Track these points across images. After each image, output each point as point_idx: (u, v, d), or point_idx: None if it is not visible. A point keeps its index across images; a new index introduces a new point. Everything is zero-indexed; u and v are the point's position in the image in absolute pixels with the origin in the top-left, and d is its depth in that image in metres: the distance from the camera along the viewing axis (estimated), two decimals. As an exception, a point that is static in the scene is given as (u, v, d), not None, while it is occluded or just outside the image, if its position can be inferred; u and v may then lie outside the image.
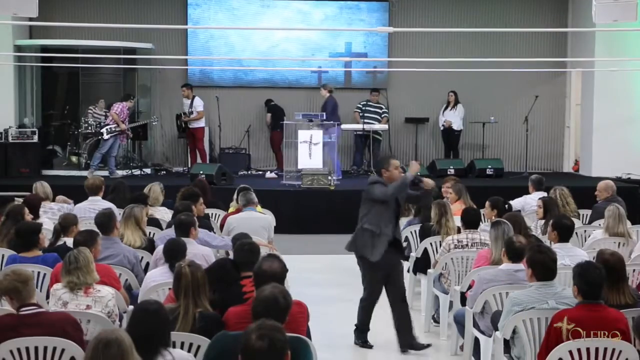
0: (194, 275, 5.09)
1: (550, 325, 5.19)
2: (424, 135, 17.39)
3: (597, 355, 4.99)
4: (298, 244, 12.06)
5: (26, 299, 4.96)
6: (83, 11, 16.72)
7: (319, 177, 13.87)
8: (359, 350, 7.78)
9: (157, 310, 4.34)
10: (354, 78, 17.63)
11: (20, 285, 4.93)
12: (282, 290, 4.55)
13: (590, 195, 10.59)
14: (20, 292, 4.94)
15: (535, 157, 17.38)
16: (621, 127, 15.87)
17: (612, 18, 8.70)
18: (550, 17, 17.35)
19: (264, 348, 3.62)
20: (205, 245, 7.47)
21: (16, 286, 4.93)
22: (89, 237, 6.40)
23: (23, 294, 4.95)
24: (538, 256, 5.60)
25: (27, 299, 4.96)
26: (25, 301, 4.95)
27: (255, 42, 17.31)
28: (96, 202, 9.39)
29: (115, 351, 3.77)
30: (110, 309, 5.64)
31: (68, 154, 15.84)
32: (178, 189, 9.67)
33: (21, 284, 4.94)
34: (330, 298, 9.56)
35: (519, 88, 17.14)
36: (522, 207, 9.83)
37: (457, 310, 7.17)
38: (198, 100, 15.84)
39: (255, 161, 17.07)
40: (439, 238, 8.27)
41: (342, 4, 17.43)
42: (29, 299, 4.97)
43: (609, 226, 8.15)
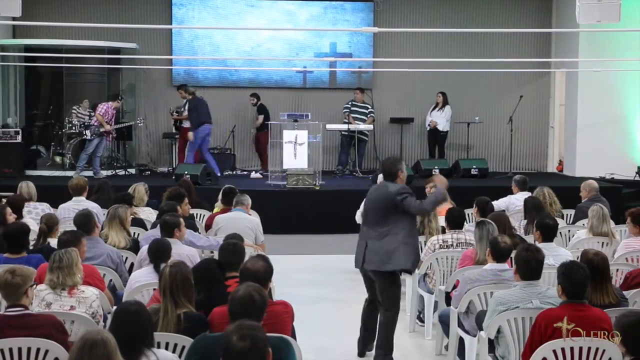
0: (173, 275, 5.06)
1: (535, 324, 5.21)
2: (408, 135, 17.41)
3: (581, 354, 5.01)
4: (284, 244, 12.06)
5: (16, 299, 4.97)
6: (67, 11, 16.66)
7: (304, 177, 13.87)
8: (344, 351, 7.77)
9: (138, 311, 4.33)
10: (338, 78, 17.63)
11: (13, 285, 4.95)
12: (257, 288, 4.53)
13: (574, 195, 10.65)
14: (11, 292, 4.96)
15: (520, 157, 17.45)
16: (605, 127, 15.95)
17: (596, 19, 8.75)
18: (535, 18, 17.41)
19: (246, 348, 3.61)
20: (190, 246, 7.46)
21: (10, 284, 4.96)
22: (73, 237, 6.37)
23: (14, 295, 4.96)
24: (523, 254, 5.62)
25: (17, 299, 4.97)
26: (15, 302, 4.96)
27: (240, 42, 17.29)
28: (80, 202, 9.35)
29: (101, 352, 3.75)
30: (95, 310, 5.62)
31: (52, 154, 15.77)
32: (163, 189, 9.66)
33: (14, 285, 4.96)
34: (316, 298, 9.57)
35: (503, 88, 17.20)
36: (507, 207, 9.87)
37: (441, 310, 7.19)
38: None
39: (240, 161, 17.05)
40: (424, 238, 8.28)
41: (326, 4, 17.44)
42: (19, 300, 4.98)
43: (593, 226, 8.18)
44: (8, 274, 5.01)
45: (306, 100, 17.15)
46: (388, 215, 7.04)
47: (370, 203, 7.27)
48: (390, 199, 7.00)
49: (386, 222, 7.04)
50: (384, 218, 7.06)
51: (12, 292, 4.98)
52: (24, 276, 5.03)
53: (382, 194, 7.13)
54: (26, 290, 5.03)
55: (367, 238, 7.16)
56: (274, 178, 14.55)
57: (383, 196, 7.09)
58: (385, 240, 7.02)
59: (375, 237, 7.08)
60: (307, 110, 15.64)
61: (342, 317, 8.95)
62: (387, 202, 7.04)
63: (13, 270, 5.05)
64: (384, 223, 7.05)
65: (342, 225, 12.43)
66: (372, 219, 7.16)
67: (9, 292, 4.99)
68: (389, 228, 7.03)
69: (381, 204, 7.10)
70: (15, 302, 4.97)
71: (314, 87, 17.61)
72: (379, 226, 7.07)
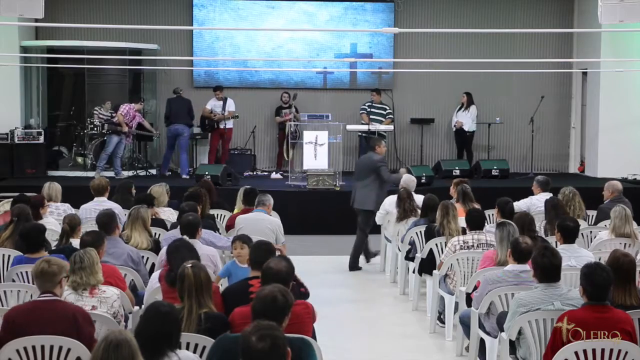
0: (196, 276, 5.09)
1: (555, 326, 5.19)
2: (429, 136, 17.37)
3: (603, 356, 4.99)
4: (304, 244, 12.07)
5: (51, 287, 5.15)
6: (88, 12, 16.75)
7: (324, 177, 13.87)
8: (365, 352, 7.77)
9: (169, 312, 4.36)
10: (359, 79, 17.63)
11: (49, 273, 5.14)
12: (282, 289, 4.54)
13: (596, 196, 10.57)
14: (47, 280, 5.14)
15: (541, 158, 17.35)
16: (627, 127, 15.84)
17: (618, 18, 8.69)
18: (556, 18, 17.31)
19: (266, 348, 3.62)
20: (210, 246, 7.48)
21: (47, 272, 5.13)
22: (97, 238, 6.43)
23: (49, 283, 5.14)
24: (539, 259, 5.61)
25: (51, 287, 5.15)
26: (49, 289, 5.14)
27: (261, 43, 17.31)
28: (102, 202, 9.38)
29: (126, 352, 3.79)
30: (116, 310, 5.66)
31: (74, 155, 15.85)
32: (183, 190, 9.69)
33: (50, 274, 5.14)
34: (336, 299, 9.56)
35: (524, 88, 17.12)
36: (528, 208, 9.80)
37: (462, 311, 7.17)
38: (230, 101, 16.01)
39: (260, 162, 17.08)
40: (444, 239, 8.26)
41: (347, 4, 17.43)
42: (53, 288, 5.15)
43: (615, 227, 8.13)
44: (45, 263, 5.20)
45: (326, 101, 17.13)
46: (369, 175, 10.82)
47: (359, 165, 11.39)
48: (372, 164, 10.88)
49: (366, 178, 10.82)
50: (366, 177, 10.85)
51: (48, 280, 5.16)
52: (60, 266, 5.23)
53: (367, 160, 11.14)
54: (60, 280, 5.22)
55: (355, 188, 11.03)
56: (294, 179, 14.56)
57: (368, 162, 11.05)
58: (364, 190, 10.82)
59: (359, 188, 10.92)
60: (327, 111, 15.62)
61: (362, 318, 8.95)
62: (369, 166, 10.91)
63: (49, 260, 5.26)
64: (365, 179, 10.84)
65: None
66: (359, 176, 11.07)
67: (45, 280, 5.16)
68: (367, 182, 10.79)
69: (365, 166, 11.02)
70: (49, 290, 5.14)
71: (334, 87, 17.60)
72: (362, 181, 10.89)
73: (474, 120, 16.49)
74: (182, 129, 15.56)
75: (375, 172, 10.74)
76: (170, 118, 15.70)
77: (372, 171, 10.78)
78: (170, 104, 15.80)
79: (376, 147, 11.10)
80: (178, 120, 15.54)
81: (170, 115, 15.72)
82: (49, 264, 5.18)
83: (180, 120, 15.55)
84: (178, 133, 15.53)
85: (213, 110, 16.00)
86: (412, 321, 8.73)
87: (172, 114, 15.67)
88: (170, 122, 15.67)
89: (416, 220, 9.46)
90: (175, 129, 15.54)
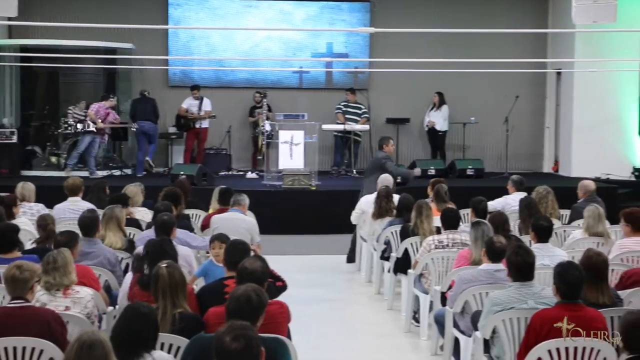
0: (171, 276, 5.07)
1: (530, 325, 5.22)
2: (405, 136, 17.40)
3: (576, 354, 5.02)
4: (279, 244, 12.04)
5: (22, 294, 5.06)
6: (63, 11, 16.60)
7: (300, 177, 13.87)
8: (340, 351, 7.78)
9: (148, 314, 4.35)
10: (335, 78, 17.64)
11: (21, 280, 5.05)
12: (256, 289, 4.54)
13: (569, 196, 10.64)
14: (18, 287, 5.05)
15: (516, 158, 17.42)
16: (600, 127, 15.96)
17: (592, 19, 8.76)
18: (531, 18, 17.41)
19: (240, 349, 3.62)
20: (185, 246, 7.45)
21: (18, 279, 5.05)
22: (71, 238, 6.38)
23: (21, 290, 5.06)
24: (513, 258, 5.64)
25: (23, 294, 5.06)
26: (20, 295, 5.05)
27: (237, 42, 17.28)
28: (76, 202, 9.33)
29: (99, 352, 3.77)
30: (90, 310, 5.62)
31: (47, 155, 15.74)
32: (159, 190, 9.65)
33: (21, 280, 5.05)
34: (312, 298, 9.56)
35: (499, 88, 17.19)
36: (502, 207, 9.85)
37: (437, 311, 7.19)
38: (207, 100, 16.00)
39: (236, 161, 17.04)
40: (419, 238, 8.28)
41: (323, 4, 17.43)
42: (25, 294, 5.07)
43: (589, 226, 8.19)
44: (15, 269, 5.10)
45: (302, 100, 17.12)
46: (374, 172, 11.30)
47: (368, 163, 12.87)
48: (377, 160, 11.80)
49: (372, 175, 11.27)
50: (371, 173, 11.39)
51: (19, 287, 5.08)
52: (31, 271, 5.14)
53: (374, 158, 12.37)
54: (32, 286, 5.14)
55: (363, 185, 11.61)
56: (269, 178, 14.54)
57: (374, 159, 12.18)
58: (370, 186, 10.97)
59: (366, 184, 11.40)
60: (303, 110, 15.61)
61: (337, 318, 8.96)
62: (375, 163, 11.83)
63: (20, 266, 5.14)
64: (371, 176, 11.32)
65: (338, 225, 12.43)
66: (367, 173, 11.98)
67: (17, 287, 5.08)
68: (373, 179, 11.00)
69: (371, 164, 12.08)
70: (20, 296, 5.06)
71: (311, 87, 17.60)
72: (369, 177, 11.47)
73: (446, 119, 16.57)
74: (148, 126, 15.57)
75: (381, 168, 11.25)
76: (135, 117, 15.72)
77: (378, 167, 11.32)
78: (135, 104, 15.90)
79: (384, 145, 11.75)
80: (143, 118, 15.58)
81: (135, 114, 15.76)
82: (20, 270, 5.08)
83: (146, 118, 15.58)
84: (145, 131, 15.53)
85: (189, 109, 15.95)
86: (387, 320, 8.75)
87: (137, 112, 15.73)
88: (135, 120, 15.68)
89: (392, 219, 9.49)
90: (142, 125, 15.55)
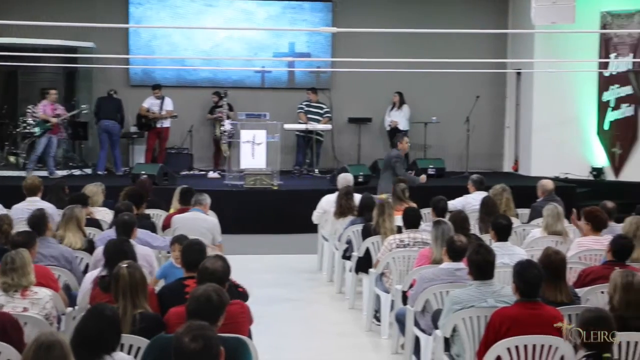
0: (132, 276, 5.04)
1: (489, 323, 5.26)
2: (367, 135, 17.47)
3: (535, 351, 5.07)
4: (241, 244, 12.02)
5: None
6: (22, 9, 16.40)
7: (262, 177, 13.85)
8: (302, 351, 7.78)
9: (112, 317, 4.30)
10: (297, 78, 17.63)
11: None
12: (217, 288, 4.53)
13: (529, 195, 10.76)
14: None
15: (476, 157, 17.52)
16: (560, 127, 16.14)
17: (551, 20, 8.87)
18: (491, 19, 17.54)
19: (198, 349, 3.60)
20: (146, 246, 7.41)
21: None
22: (29, 238, 6.31)
23: None
24: (474, 257, 5.69)
25: None
26: None
27: (198, 41, 17.21)
28: (34, 202, 9.21)
29: (58, 353, 3.71)
30: (48, 311, 5.56)
31: (6, 154, 15.55)
32: (119, 190, 9.59)
33: None
34: (273, 298, 9.55)
35: (460, 88, 17.30)
36: (463, 206, 9.93)
37: (398, 309, 7.22)
38: (168, 100, 15.91)
39: (198, 161, 16.97)
40: (381, 238, 8.32)
41: (285, 3, 17.42)
42: None
43: (548, 225, 8.28)
44: None
45: (265, 99, 17.10)
46: (387, 169, 11.77)
47: (384, 159, 12.50)
48: (389, 159, 11.89)
49: (385, 172, 11.78)
50: (384, 170, 11.84)
51: None
52: None
53: (387, 155, 12.22)
54: None
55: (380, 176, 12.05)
56: (231, 178, 14.50)
57: (387, 157, 12.13)
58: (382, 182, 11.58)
59: (380, 179, 11.85)
60: (265, 110, 15.58)
61: (298, 317, 8.96)
62: (387, 161, 11.97)
63: None
64: (384, 172, 11.82)
65: (299, 225, 12.43)
66: (382, 168, 12.19)
67: None
68: (385, 175, 11.64)
69: (384, 161, 12.21)
70: None
71: (273, 87, 17.58)
72: (383, 173, 11.86)
73: (407, 119, 16.66)
74: (112, 125, 15.49)
75: (392, 167, 11.58)
76: (99, 114, 15.63)
77: (389, 166, 11.69)
78: (100, 102, 15.83)
79: (398, 143, 12.01)
80: (107, 117, 15.49)
81: (99, 112, 15.68)
82: None
83: (109, 117, 15.49)
84: (108, 130, 15.44)
85: (150, 109, 15.86)
86: (348, 320, 8.77)
87: (101, 110, 15.66)
88: (99, 119, 15.58)
89: (353, 219, 9.51)
90: (106, 125, 15.45)
